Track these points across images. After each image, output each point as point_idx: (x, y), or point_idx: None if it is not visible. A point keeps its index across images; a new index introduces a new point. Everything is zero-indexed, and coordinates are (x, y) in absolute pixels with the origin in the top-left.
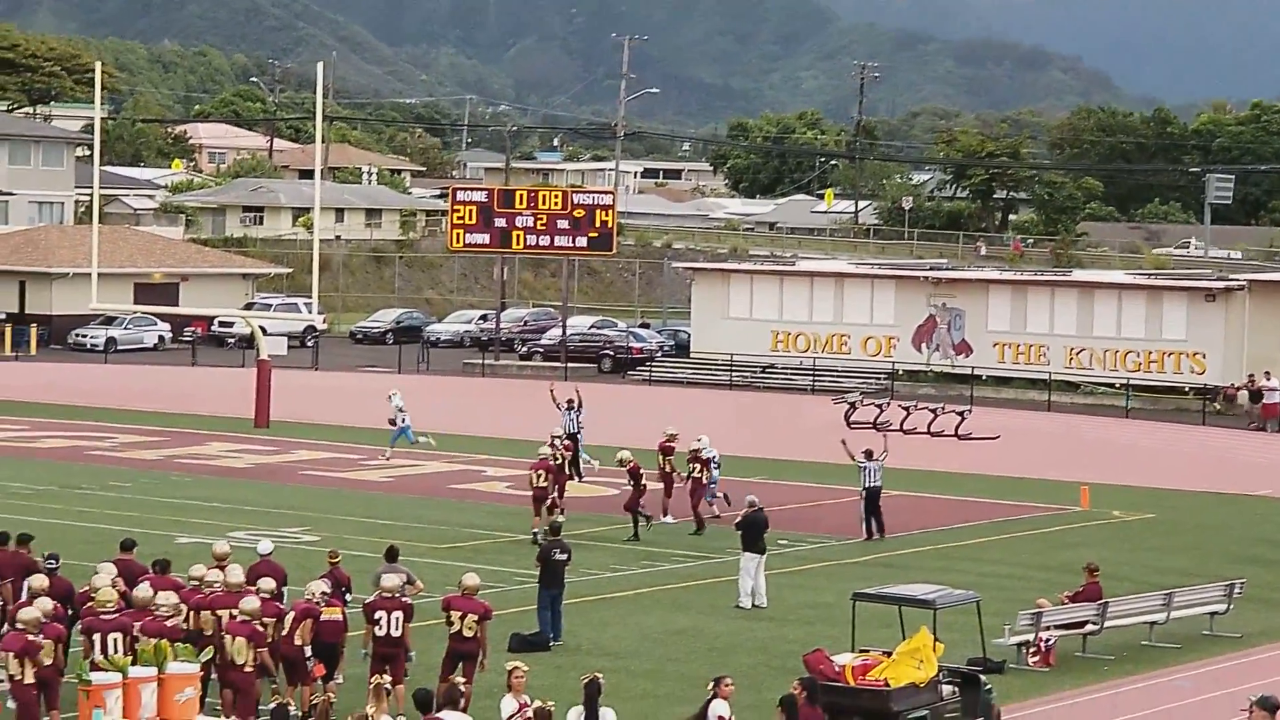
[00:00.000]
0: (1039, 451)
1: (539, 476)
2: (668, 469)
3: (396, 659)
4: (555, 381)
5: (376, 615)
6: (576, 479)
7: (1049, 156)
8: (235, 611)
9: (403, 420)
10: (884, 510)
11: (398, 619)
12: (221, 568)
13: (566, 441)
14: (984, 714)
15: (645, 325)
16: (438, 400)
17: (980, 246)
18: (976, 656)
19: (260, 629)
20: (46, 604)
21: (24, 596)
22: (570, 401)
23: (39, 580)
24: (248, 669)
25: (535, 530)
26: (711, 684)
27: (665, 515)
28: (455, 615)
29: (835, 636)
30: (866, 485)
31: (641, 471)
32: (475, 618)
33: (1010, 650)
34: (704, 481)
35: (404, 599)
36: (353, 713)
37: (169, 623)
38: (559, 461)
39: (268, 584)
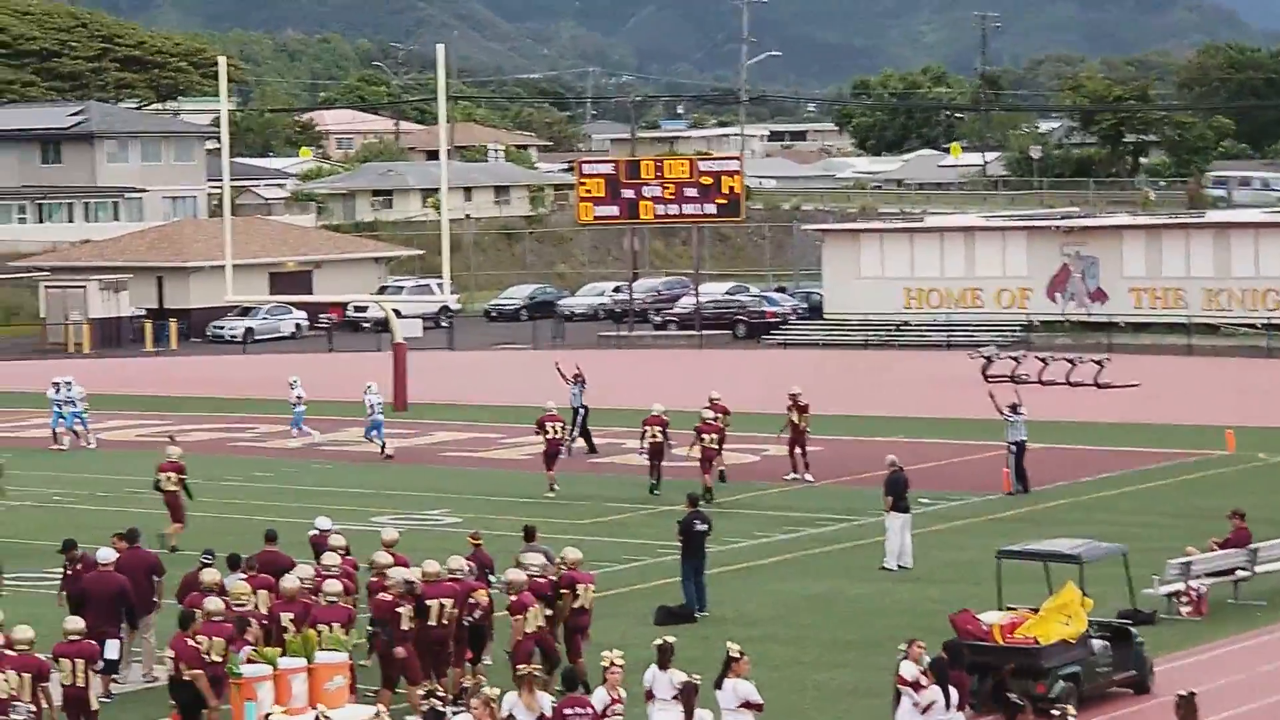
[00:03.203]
0: (1180, 397)
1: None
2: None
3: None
4: (560, 357)
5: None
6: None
7: (1177, 97)
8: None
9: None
10: (1026, 464)
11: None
12: (392, 552)
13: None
14: (1137, 667)
15: (781, 289)
16: None
17: (1148, 191)
18: (1126, 609)
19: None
20: (217, 603)
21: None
22: (576, 376)
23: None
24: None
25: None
26: (904, 645)
27: (807, 472)
28: (581, 588)
29: (980, 595)
30: (1013, 439)
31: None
32: (592, 588)
33: (1161, 601)
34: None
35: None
36: (478, 694)
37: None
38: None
39: (456, 562)
